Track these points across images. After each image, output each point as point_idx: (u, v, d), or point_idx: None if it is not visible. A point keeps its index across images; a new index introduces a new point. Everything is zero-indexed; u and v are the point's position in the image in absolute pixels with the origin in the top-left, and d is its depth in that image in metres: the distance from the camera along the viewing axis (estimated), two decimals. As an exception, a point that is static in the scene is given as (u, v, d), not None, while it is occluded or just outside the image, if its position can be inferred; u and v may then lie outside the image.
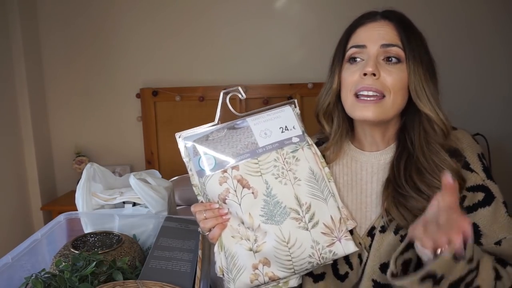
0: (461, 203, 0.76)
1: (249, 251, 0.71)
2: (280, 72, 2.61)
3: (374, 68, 0.75)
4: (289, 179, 0.73)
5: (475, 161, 0.79)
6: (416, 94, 0.77)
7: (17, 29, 2.45)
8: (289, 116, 0.79)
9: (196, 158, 0.74)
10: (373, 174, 0.84)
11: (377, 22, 0.80)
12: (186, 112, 2.64)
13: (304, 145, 0.77)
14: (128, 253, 0.91)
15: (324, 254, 0.71)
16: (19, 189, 2.53)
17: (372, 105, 0.76)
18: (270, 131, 0.77)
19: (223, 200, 0.72)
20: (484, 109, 2.58)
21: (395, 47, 0.77)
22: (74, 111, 2.73)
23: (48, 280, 0.79)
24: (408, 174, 0.78)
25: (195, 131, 0.77)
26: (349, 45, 0.81)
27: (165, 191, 1.09)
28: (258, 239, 0.71)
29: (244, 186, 0.72)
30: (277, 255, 0.70)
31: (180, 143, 0.77)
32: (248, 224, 0.71)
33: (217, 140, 0.75)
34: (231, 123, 0.78)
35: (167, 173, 2.25)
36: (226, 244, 0.72)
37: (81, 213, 1.06)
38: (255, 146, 0.75)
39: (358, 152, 0.87)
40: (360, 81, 0.77)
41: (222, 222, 0.73)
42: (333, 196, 0.75)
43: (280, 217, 0.71)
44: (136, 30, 2.64)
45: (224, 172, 0.72)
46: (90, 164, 1.10)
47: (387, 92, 0.76)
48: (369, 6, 0.84)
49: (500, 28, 2.52)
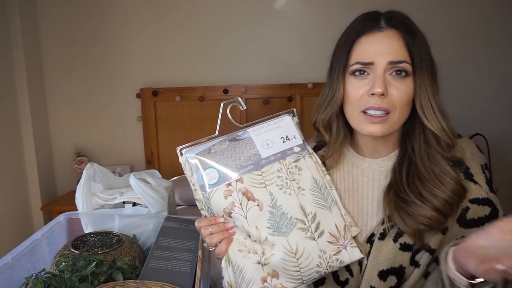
0: (464, 215, 0.76)
1: (257, 264, 0.70)
2: (280, 72, 2.61)
3: (384, 88, 0.73)
4: (293, 189, 0.73)
5: (478, 172, 0.77)
6: (422, 110, 0.76)
7: (17, 29, 2.45)
8: (289, 126, 0.79)
9: (199, 173, 0.73)
10: (374, 180, 0.83)
11: (383, 33, 0.75)
12: (186, 112, 2.64)
13: (305, 154, 0.77)
14: (128, 253, 0.91)
15: (331, 262, 0.71)
16: (19, 189, 2.53)
17: (379, 123, 0.75)
18: (272, 142, 0.76)
19: (229, 214, 0.72)
20: (484, 109, 2.58)
21: (404, 63, 0.74)
22: (74, 111, 2.73)
23: (48, 280, 0.79)
24: (411, 180, 0.77)
25: (196, 144, 0.76)
26: (353, 58, 0.77)
27: (165, 191, 1.09)
28: (266, 251, 0.70)
29: (249, 199, 0.71)
30: (285, 267, 0.70)
31: (182, 158, 0.75)
32: (255, 237, 0.71)
33: (220, 153, 0.74)
34: (233, 134, 0.78)
35: (167, 173, 2.25)
36: (234, 259, 0.72)
37: (81, 213, 1.06)
38: (258, 158, 0.74)
39: (359, 158, 0.86)
40: (368, 100, 0.75)
41: (228, 237, 0.72)
42: (336, 203, 0.75)
43: (287, 228, 0.70)
44: (136, 30, 2.64)
45: (228, 186, 0.72)
46: (90, 164, 1.10)
47: (393, 109, 0.75)
48: (369, 6, 0.83)
49: (500, 28, 2.52)
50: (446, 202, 0.74)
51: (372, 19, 0.78)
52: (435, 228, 0.75)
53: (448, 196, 0.74)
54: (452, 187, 0.74)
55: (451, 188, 0.74)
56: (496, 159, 2.42)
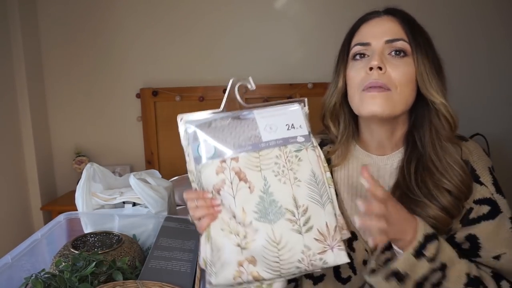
0: (468, 215, 0.77)
1: (236, 246, 0.68)
2: (280, 72, 2.61)
3: (380, 61, 0.74)
4: (288, 178, 0.71)
5: (485, 174, 0.78)
6: (424, 85, 0.76)
7: (17, 29, 2.45)
8: (297, 114, 0.76)
9: (195, 144, 0.72)
10: (379, 177, 0.83)
11: (381, 18, 0.79)
12: (186, 112, 2.60)
13: (308, 146, 0.74)
14: (128, 253, 0.91)
15: (314, 261, 0.68)
16: (19, 189, 2.53)
17: (379, 97, 0.75)
18: (276, 127, 0.74)
19: (218, 191, 0.70)
20: (484, 109, 2.58)
21: (401, 41, 0.76)
22: (74, 111, 2.73)
23: (48, 280, 0.79)
24: (420, 178, 0.77)
25: (198, 115, 0.75)
26: (353, 43, 0.80)
27: (165, 191, 1.09)
28: (248, 235, 0.68)
29: (241, 179, 0.69)
30: (265, 255, 0.67)
31: (181, 126, 0.74)
32: (240, 219, 0.68)
33: (220, 129, 0.73)
34: (237, 113, 0.76)
35: (167, 173, 2.25)
36: (214, 236, 0.69)
37: (81, 213, 1.06)
38: (258, 140, 0.72)
39: (364, 154, 0.86)
40: (366, 77, 0.76)
41: (212, 213, 0.70)
42: (331, 202, 0.73)
43: (274, 216, 0.68)
44: (136, 30, 2.64)
45: (222, 162, 0.70)
46: (90, 164, 1.10)
47: (393, 86, 0.75)
48: (369, 6, 0.84)
49: (500, 28, 2.53)
50: (453, 198, 0.74)
51: (372, 13, 0.82)
52: (440, 230, 0.75)
53: (456, 188, 0.74)
54: (461, 177, 0.74)
55: (460, 178, 0.74)
56: (496, 159, 2.41)
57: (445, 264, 0.70)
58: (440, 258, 0.69)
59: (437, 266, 0.69)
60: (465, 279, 0.70)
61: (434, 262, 0.68)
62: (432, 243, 0.68)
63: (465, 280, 0.70)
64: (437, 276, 0.69)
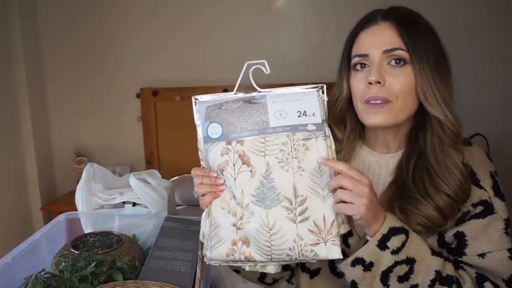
0: (464, 217, 0.78)
1: (232, 226, 0.71)
2: (280, 72, 2.60)
3: (378, 76, 0.75)
4: (291, 166, 0.70)
5: (486, 178, 0.79)
6: (424, 97, 0.76)
7: (17, 29, 2.45)
8: (312, 101, 0.75)
9: (205, 124, 0.75)
10: (380, 175, 0.84)
11: (377, 26, 0.78)
12: (186, 112, 2.61)
13: (319, 135, 0.72)
14: (128, 253, 0.91)
15: (305, 251, 0.68)
16: (19, 189, 2.53)
17: (380, 112, 0.76)
18: (286, 113, 0.74)
19: (221, 170, 0.72)
20: (484, 109, 2.58)
21: (398, 50, 0.76)
22: (74, 111, 2.73)
23: (48, 280, 0.79)
24: (418, 175, 0.77)
25: (211, 96, 0.78)
26: (353, 53, 0.81)
27: (165, 191, 1.09)
28: (244, 217, 0.70)
29: (244, 163, 0.71)
30: (257, 238, 0.69)
31: (195, 106, 0.77)
32: (239, 200, 0.71)
33: (229, 111, 0.75)
34: (250, 96, 0.78)
35: (167, 173, 2.24)
36: (214, 213, 0.72)
37: (81, 213, 1.06)
38: (265, 125, 0.73)
39: (368, 152, 0.87)
40: (367, 91, 0.77)
41: (215, 191, 0.72)
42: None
43: (271, 202, 0.69)
44: (136, 30, 2.64)
45: (228, 144, 0.72)
46: (90, 164, 1.10)
47: (394, 98, 0.75)
48: (370, 6, 0.83)
49: (500, 28, 2.52)
50: (450, 200, 0.74)
51: (370, 15, 0.81)
52: (431, 230, 0.76)
53: (453, 192, 0.74)
54: (459, 181, 0.75)
55: (458, 183, 0.75)
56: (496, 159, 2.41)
57: (413, 258, 0.72)
58: (405, 252, 0.71)
59: (402, 259, 0.71)
60: (433, 275, 0.72)
61: (398, 255, 0.71)
62: (397, 236, 0.70)
63: (432, 276, 0.72)
64: (404, 270, 0.71)
